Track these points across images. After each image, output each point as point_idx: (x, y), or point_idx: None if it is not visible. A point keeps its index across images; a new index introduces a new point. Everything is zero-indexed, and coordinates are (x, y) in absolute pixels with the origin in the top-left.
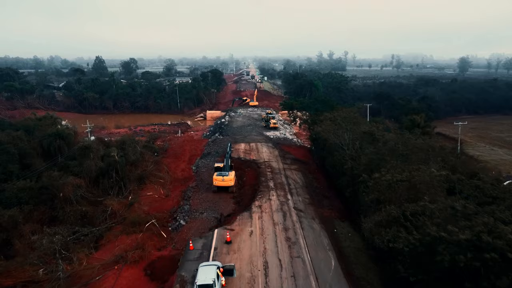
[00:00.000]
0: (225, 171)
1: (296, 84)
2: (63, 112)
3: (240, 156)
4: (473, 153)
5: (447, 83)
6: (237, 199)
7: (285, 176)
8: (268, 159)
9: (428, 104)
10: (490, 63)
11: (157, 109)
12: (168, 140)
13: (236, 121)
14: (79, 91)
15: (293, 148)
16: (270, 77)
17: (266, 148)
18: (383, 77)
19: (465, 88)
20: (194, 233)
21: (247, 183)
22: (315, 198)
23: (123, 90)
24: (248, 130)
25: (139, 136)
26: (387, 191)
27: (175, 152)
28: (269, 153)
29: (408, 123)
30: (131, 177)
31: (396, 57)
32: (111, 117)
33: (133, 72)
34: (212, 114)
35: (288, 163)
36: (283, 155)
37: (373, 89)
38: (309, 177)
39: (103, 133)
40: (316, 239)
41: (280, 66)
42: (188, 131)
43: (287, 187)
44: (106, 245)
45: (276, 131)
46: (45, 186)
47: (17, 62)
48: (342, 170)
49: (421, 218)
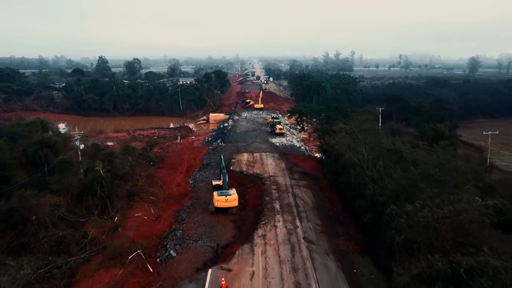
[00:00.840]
0: (226, 189)
1: (303, 86)
2: (61, 114)
3: (242, 169)
4: (498, 163)
5: (458, 84)
6: (237, 222)
7: (293, 194)
8: (273, 173)
9: (442, 107)
10: (501, 63)
11: (158, 111)
12: (166, 147)
13: (239, 126)
14: (78, 92)
15: (301, 159)
16: (276, 78)
17: (271, 160)
18: (391, 77)
19: (478, 90)
20: (186, 269)
21: (249, 202)
22: (328, 224)
23: (123, 92)
24: (252, 136)
25: (138, 141)
26: (426, 232)
27: (172, 161)
28: (275, 165)
29: (431, 132)
30: (119, 194)
31: (404, 57)
32: (111, 120)
33: (137, 73)
34: (216, 117)
35: (296, 178)
36: (290, 168)
37: (382, 90)
38: (320, 196)
39: (101, 137)
40: (332, 284)
41: (286, 67)
42: (190, 135)
43: (295, 210)
44: (80, 282)
45: (282, 137)
46: (14, 208)
47: (22, 62)
48: (360, 191)
49: (483, 280)
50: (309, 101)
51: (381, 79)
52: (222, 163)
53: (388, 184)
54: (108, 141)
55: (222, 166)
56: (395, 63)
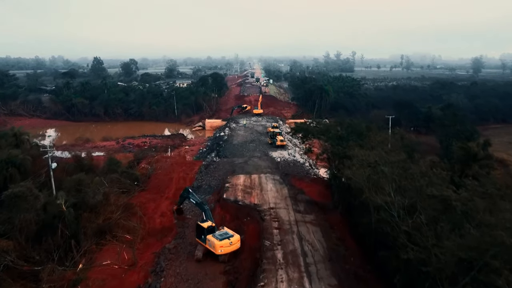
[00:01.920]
0: (221, 230)
1: (305, 89)
2: (50, 119)
3: (238, 198)
4: None
5: (465, 86)
6: (229, 276)
7: (299, 236)
8: (274, 202)
9: (455, 113)
10: (505, 64)
11: (152, 116)
12: (154, 161)
13: (237, 136)
14: (67, 96)
15: (306, 183)
16: (276, 79)
17: (271, 184)
18: (394, 78)
19: (486, 92)
20: None
21: (246, 245)
22: (345, 283)
23: (115, 96)
24: (251, 149)
25: (126, 152)
26: None
27: (159, 181)
28: (276, 191)
29: (460, 153)
30: (88, 231)
31: (406, 58)
32: (102, 126)
33: (133, 74)
34: (212, 123)
35: (302, 210)
36: (294, 196)
37: (386, 93)
38: (332, 238)
39: (88, 146)
40: None
41: (286, 67)
42: (183, 145)
43: (303, 261)
44: None
45: (284, 150)
46: None
47: (18, 63)
48: (384, 241)
49: None
50: (311, 106)
51: (383, 80)
52: (194, 197)
53: (441, 254)
54: (95, 151)
55: (197, 202)
56: (396, 64)
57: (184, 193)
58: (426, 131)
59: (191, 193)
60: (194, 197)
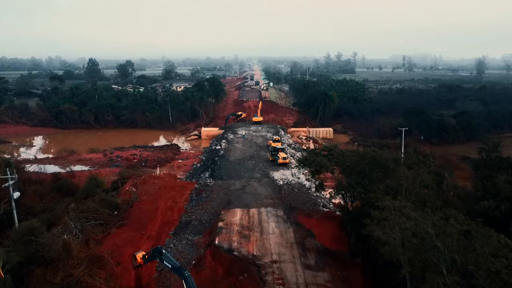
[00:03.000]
0: None
1: (307, 94)
2: (37, 127)
3: (233, 246)
4: None
5: (472, 89)
6: None
7: None
8: (278, 253)
9: (469, 122)
10: (509, 65)
11: (145, 123)
12: (141, 182)
13: (234, 149)
14: (54, 102)
15: (316, 221)
16: (276, 82)
17: (274, 223)
18: (397, 80)
19: (496, 96)
20: None
21: None
22: None
23: (106, 101)
24: (249, 168)
25: (114, 166)
26: None
27: (142, 212)
28: (279, 234)
29: (507, 189)
30: None
31: (408, 59)
32: (91, 134)
33: (129, 76)
34: (208, 132)
35: (312, 265)
36: (302, 241)
37: (391, 97)
38: None
39: (72, 159)
40: None
41: (286, 68)
42: (176, 158)
43: None
44: None
45: (287, 169)
46: None
47: (14, 63)
48: None
49: None
50: (315, 112)
51: (386, 82)
52: (170, 260)
53: None
54: (80, 164)
55: (173, 267)
56: (398, 65)
57: (155, 254)
58: (438, 140)
59: (164, 255)
60: (170, 260)
